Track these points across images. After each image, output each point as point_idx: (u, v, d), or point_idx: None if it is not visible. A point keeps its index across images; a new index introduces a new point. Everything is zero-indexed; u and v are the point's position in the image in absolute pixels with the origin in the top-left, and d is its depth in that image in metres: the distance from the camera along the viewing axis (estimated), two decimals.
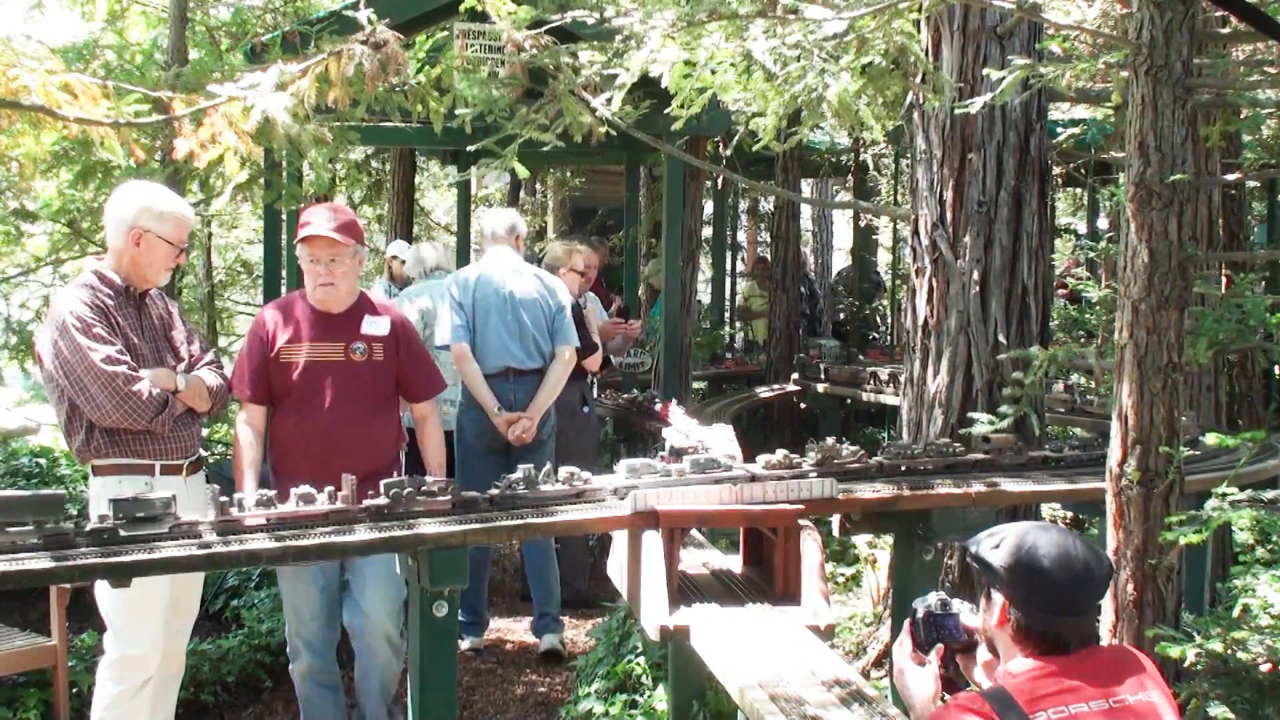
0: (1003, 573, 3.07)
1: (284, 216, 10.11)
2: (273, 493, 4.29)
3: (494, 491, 4.51)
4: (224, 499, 4.17)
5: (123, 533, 3.93)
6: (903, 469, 5.21)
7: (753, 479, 4.69)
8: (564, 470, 4.69)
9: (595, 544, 8.82)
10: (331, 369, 5.48)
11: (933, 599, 3.34)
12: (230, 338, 15.36)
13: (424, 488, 4.41)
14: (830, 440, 5.18)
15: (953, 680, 3.25)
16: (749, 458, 5.11)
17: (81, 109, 4.63)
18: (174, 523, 4.04)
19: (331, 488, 4.31)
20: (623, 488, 4.59)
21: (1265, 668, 3.78)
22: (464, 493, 4.47)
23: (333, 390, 5.45)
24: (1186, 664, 3.81)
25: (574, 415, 7.71)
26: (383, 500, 4.36)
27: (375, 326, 5.58)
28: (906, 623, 3.37)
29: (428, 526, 4.27)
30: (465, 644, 7.33)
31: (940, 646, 3.30)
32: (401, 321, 5.72)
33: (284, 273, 10.52)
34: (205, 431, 8.63)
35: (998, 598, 3.10)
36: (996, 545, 3.11)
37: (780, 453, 4.97)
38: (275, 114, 4.56)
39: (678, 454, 5.00)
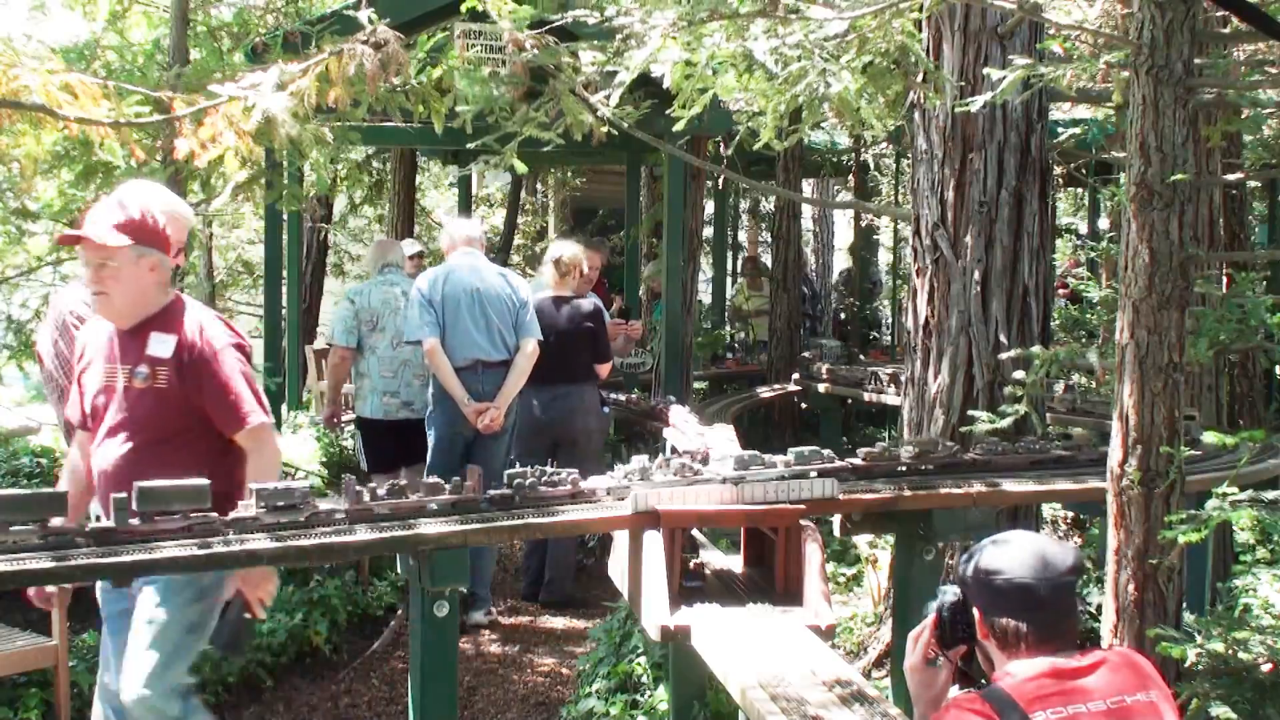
0: (971, 583, 3.13)
1: (285, 216, 10.13)
2: (403, 482, 4.36)
3: (495, 492, 4.51)
4: (358, 488, 4.25)
5: (266, 520, 4.03)
6: (905, 469, 5.21)
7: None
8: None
9: (595, 545, 8.84)
10: (113, 395, 4.51)
11: (951, 594, 3.32)
12: None
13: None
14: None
15: (973, 678, 3.24)
16: None
17: (82, 109, 4.64)
18: (311, 511, 4.11)
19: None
20: (618, 488, 4.60)
21: (1266, 668, 3.78)
22: (467, 492, 4.47)
23: (112, 421, 4.50)
24: (1187, 664, 3.81)
25: (599, 416, 8.05)
26: (506, 490, 4.45)
27: (160, 347, 4.49)
28: (931, 619, 3.35)
29: (428, 527, 4.27)
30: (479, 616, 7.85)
31: (963, 647, 3.29)
32: (192, 343, 4.49)
33: (285, 273, 10.54)
34: None
35: (975, 610, 3.13)
36: (968, 559, 3.16)
37: (879, 446, 5.04)
38: (276, 114, 4.56)
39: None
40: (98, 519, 4.27)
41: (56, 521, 3.74)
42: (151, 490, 3.86)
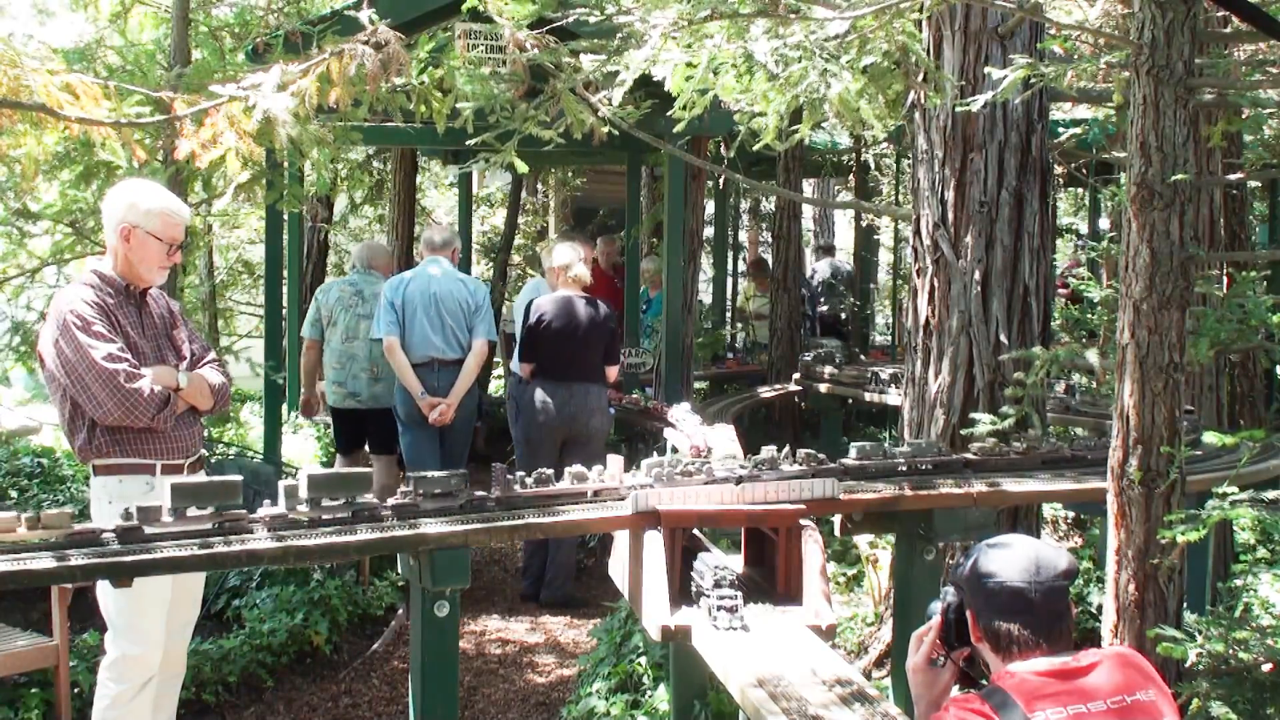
0: (964, 587, 3.15)
1: (286, 216, 10.12)
2: (549, 470, 4.61)
3: (497, 492, 4.51)
4: (509, 476, 4.51)
5: (426, 505, 4.33)
6: (906, 469, 5.21)
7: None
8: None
9: (596, 545, 8.85)
10: None
11: (954, 595, 3.32)
12: (232, 337, 15.37)
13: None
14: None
15: (975, 679, 3.25)
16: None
17: (83, 109, 4.64)
18: (468, 498, 4.35)
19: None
20: (626, 488, 4.60)
21: (1266, 668, 3.78)
22: (470, 492, 4.47)
23: None
24: (1188, 664, 3.81)
25: (607, 416, 8.20)
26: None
27: None
28: (937, 620, 3.35)
29: (429, 526, 4.27)
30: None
31: (966, 649, 3.29)
32: None
33: (285, 272, 10.54)
34: (207, 431, 8.66)
35: (969, 612, 3.15)
36: (963, 562, 3.18)
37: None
38: (277, 114, 4.56)
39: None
40: None
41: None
42: (318, 478, 4.22)
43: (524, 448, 8.13)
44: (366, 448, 8.97)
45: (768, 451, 4.85)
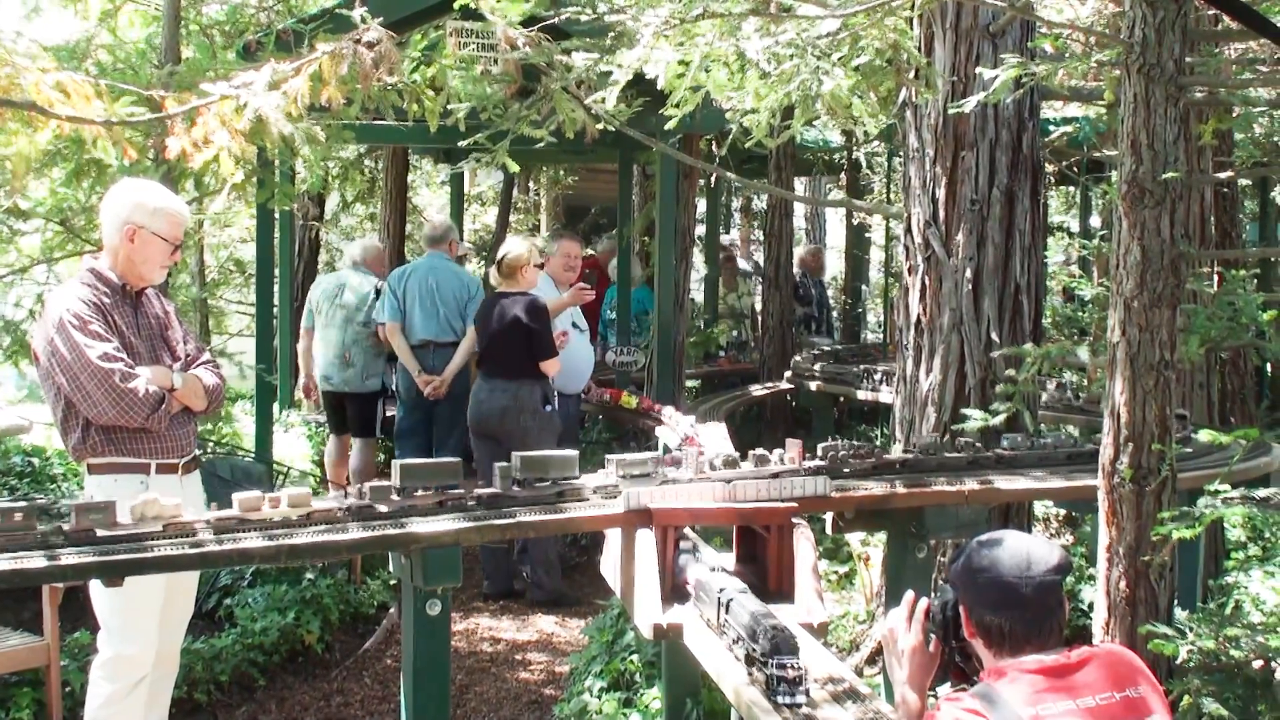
0: (956, 582, 3.16)
1: (277, 215, 10.11)
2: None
3: (486, 490, 4.51)
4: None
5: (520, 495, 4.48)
6: (898, 467, 5.21)
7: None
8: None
9: (588, 542, 8.85)
10: None
11: (951, 592, 3.32)
12: (224, 337, 15.33)
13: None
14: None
15: (969, 675, 3.25)
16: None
17: (74, 107, 4.62)
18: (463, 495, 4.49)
19: None
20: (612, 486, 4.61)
21: (1257, 664, 3.79)
22: (458, 492, 4.48)
23: None
24: (1179, 661, 3.82)
25: (536, 414, 8.02)
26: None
27: None
28: (921, 615, 3.36)
29: (420, 525, 4.27)
30: None
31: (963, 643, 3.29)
32: None
33: (277, 271, 10.52)
34: (200, 430, 8.64)
35: (962, 608, 3.16)
36: (956, 558, 3.19)
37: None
38: (268, 113, 4.55)
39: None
40: None
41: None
42: (410, 467, 4.45)
43: (472, 443, 8.35)
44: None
45: (778, 451, 4.86)
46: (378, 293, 9.44)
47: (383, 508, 4.30)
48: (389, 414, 9.88)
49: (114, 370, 4.78)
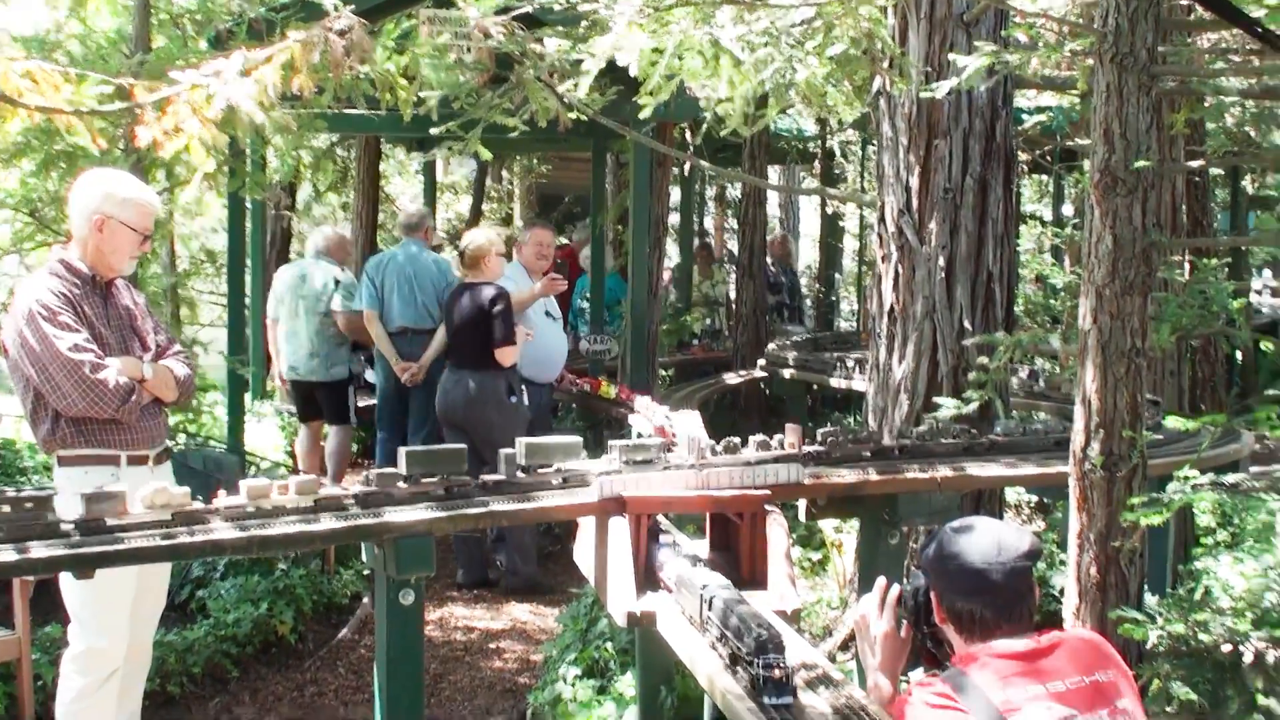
0: (927, 569, 3.18)
1: (249, 204, 10.07)
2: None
3: (459, 480, 4.51)
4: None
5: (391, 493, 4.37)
6: (870, 454, 5.23)
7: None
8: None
9: (561, 531, 8.84)
10: None
11: (922, 578, 3.33)
12: (196, 327, 15.25)
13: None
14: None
15: (941, 660, 3.26)
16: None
17: (43, 96, 4.59)
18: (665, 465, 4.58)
19: None
20: (582, 474, 4.61)
21: (1226, 649, 3.82)
22: (432, 481, 4.47)
23: None
24: (1148, 645, 3.84)
25: (500, 405, 7.98)
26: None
27: None
28: (893, 601, 3.37)
29: (394, 515, 4.26)
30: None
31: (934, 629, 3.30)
32: None
33: (248, 261, 10.48)
34: (172, 421, 8.61)
35: (933, 593, 3.18)
36: (928, 544, 3.21)
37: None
38: (239, 101, 4.53)
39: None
40: None
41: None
42: (416, 455, 4.48)
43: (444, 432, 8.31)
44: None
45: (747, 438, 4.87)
46: (337, 283, 9.49)
47: (391, 493, 4.32)
48: (361, 404, 9.92)
49: (83, 362, 4.76)
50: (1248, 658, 3.81)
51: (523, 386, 8.23)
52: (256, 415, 10.70)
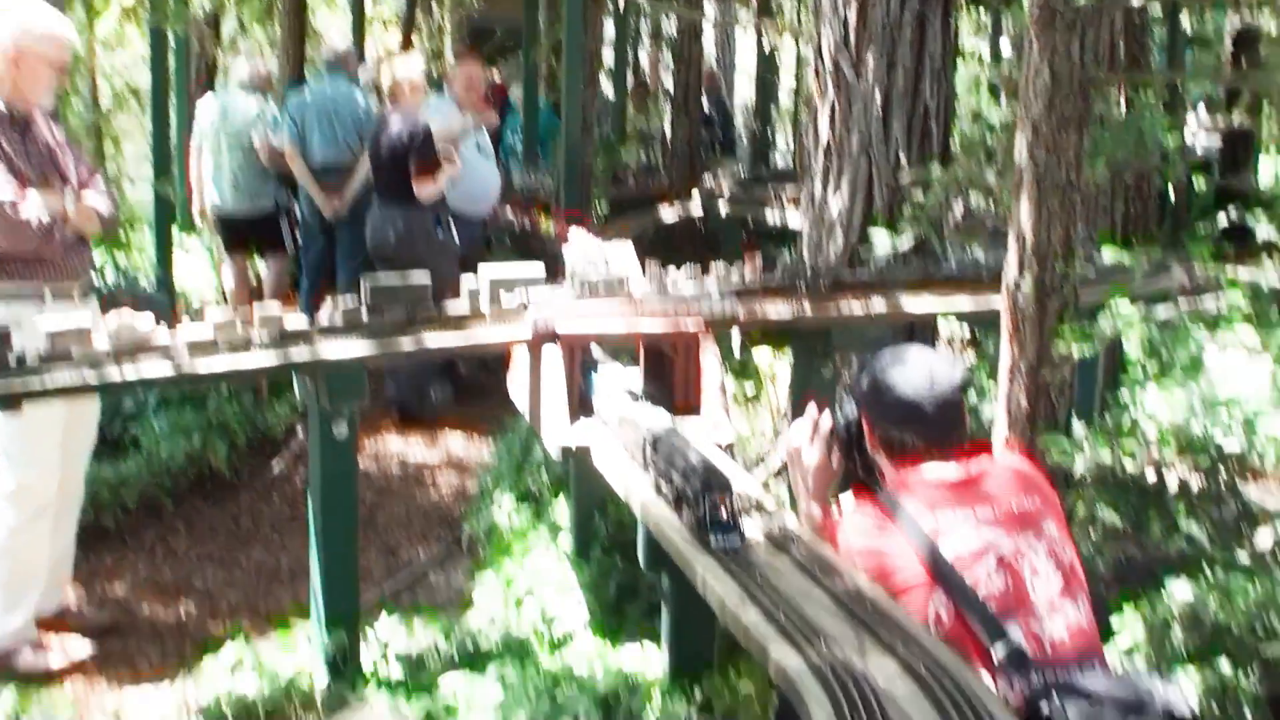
0: (860, 398, 3.21)
1: (172, 39, 9.83)
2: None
3: (393, 311, 4.48)
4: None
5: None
6: (805, 286, 5.23)
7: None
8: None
9: (495, 363, 8.82)
10: None
11: (852, 408, 3.35)
12: (121, 162, 14.97)
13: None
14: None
15: (872, 488, 3.30)
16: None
17: None
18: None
19: None
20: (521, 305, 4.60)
21: (1150, 476, 3.90)
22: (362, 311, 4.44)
23: None
24: (1076, 473, 3.91)
25: (429, 241, 7.85)
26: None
27: None
28: (825, 430, 3.39)
29: (325, 348, 4.24)
30: None
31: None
32: None
33: (173, 96, 10.26)
34: (99, 257, 8.49)
35: (865, 422, 3.21)
36: (861, 374, 3.23)
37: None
38: None
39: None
40: None
41: None
42: (381, 288, 4.50)
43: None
44: (253, 250, 9.70)
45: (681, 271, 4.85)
46: (261, 115, 9.20)
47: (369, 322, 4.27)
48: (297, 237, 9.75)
49: (3, 200, 4.66)
50: (1171, 484, 3.90)
51: (450, 220, 8.13)
52: (185, 250, 10.56)
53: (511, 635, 4.92)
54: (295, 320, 4.41)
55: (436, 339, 4.49)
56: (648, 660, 4.47)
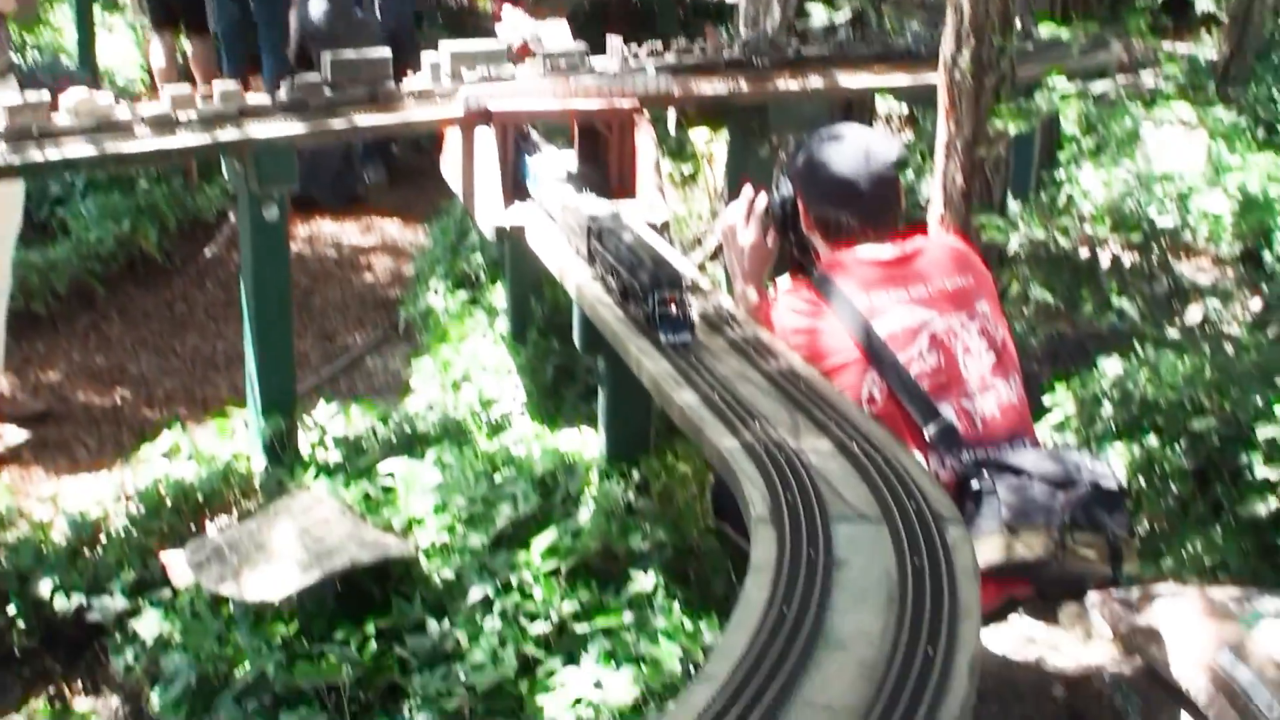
0: (795, 177, 3.18)
1: None
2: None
3: (326, 91, 4.38)
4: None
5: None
6: (741, 63, 5.14)
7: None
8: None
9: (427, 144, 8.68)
10: None
11: (787, 187, 3.32)
12: None
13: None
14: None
15: (807, 269, 3.30)
16: None
17: None
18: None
19: None
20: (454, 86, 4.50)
21: (1084, 253, 3.91)
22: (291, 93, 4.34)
23: None
24: (1010, 250, 3.92)
25: (348, 20, 7.63)
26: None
27: None
28: (760, 210, 3.37)
29: (254, 128, 4.15)
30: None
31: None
32: None
33: None
34: (16, 37, 8.22)
35: (800, 202, 3.19)
36: (796, 153, 3.20)
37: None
38: None
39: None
40: None
41: None
42: (340, 62, 4.42)
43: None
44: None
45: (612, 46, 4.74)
46: None
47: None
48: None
49: None
50: (1104, 261, 3.92)
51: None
52: (108, 29, 10.22)
53: (449, 419, 4.94)
54: (255, 98, 4.32)
55: (368, 119, 4.40)
56: (585, 442, 4.50)
